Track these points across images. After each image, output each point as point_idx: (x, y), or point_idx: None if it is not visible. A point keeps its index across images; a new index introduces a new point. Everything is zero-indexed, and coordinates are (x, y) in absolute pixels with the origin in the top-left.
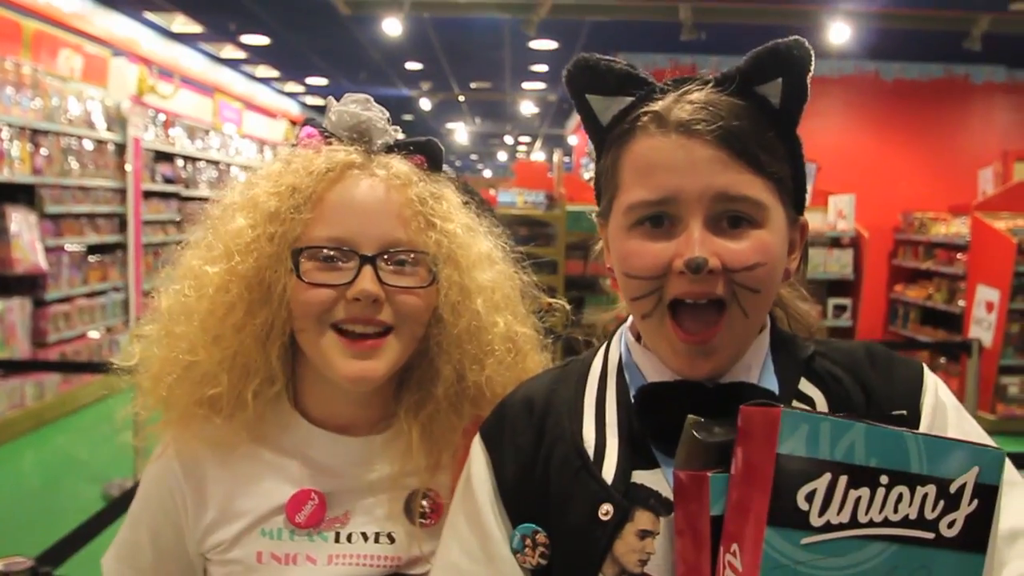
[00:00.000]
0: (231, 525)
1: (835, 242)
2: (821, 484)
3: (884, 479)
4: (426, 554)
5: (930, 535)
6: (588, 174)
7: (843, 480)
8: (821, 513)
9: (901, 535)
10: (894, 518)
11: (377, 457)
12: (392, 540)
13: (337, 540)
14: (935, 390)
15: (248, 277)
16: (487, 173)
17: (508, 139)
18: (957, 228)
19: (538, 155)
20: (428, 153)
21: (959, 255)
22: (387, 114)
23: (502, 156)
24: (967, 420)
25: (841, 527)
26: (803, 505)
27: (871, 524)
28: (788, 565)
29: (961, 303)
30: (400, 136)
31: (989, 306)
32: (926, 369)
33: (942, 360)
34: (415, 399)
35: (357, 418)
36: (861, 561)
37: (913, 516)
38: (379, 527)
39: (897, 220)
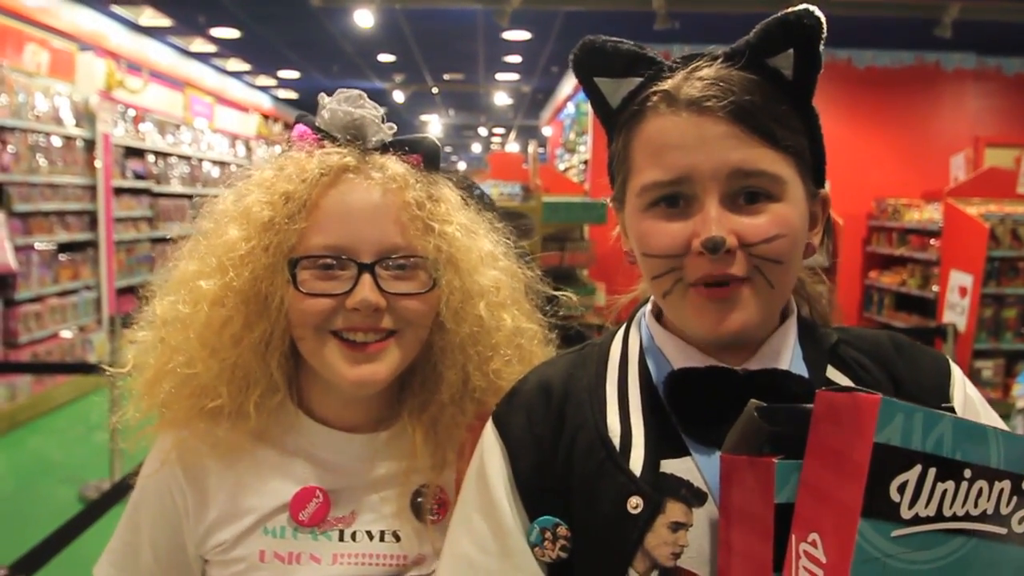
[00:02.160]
0: (234, 524)
1: None
2: (912, 476)
3: (968, 473)
4: (432, 553)
5: (1003, 530)
6: (564, 165)
7: (932, 472)
8: (911, 506)
9: (979, 529)
10: (974, 512)
11: (382, 454)
12: (398, 539)
13: (342, 539)
14: (963, 384)
15: (244, 290)
16: (462, 165)
17: (482, 131)
18: (930, 214)
19: (512, 146)
20: (424, 152)
21: (932, 241)
22: (380, 110)
23: (476, 148)
24: (992, 414)
25: (928, 520)
26: (895, 497)
27: (954, 518)
28: (879, 558)
29: (935, 288)
30: (394, 132)
31: (962, 291)
32: (951, 361)
33: None
34: (418, 402)
35: (361, 418)
36: (945, 555)
37: (991, 511)
38: (385, 525)
39: (870, 207)
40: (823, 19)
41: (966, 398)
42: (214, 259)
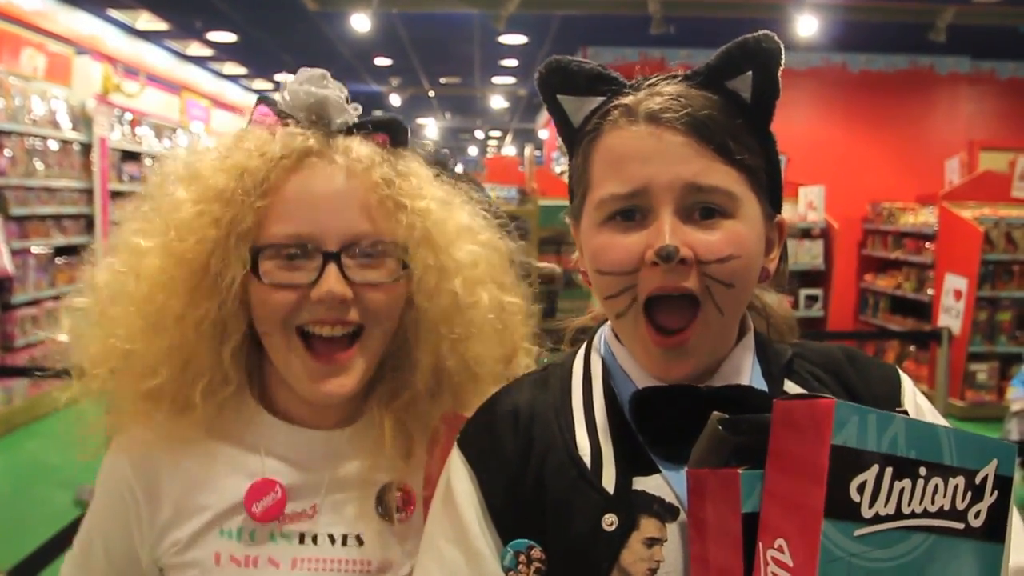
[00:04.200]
0: (188, 523)
1: (805, 233)
2: (870, 476)
3: (923, 471)
4: (399, 557)
5: (960, 525)
6: (560, 168)
7: (889, 472)
8: (871, 505)
9: (937, 526)
10: (932, 509)
11: (345, 450)
12: (361, 542)
13: (302, 541)
14: (913, 394)
15: (189, 260)
16: (458, 168)
17: (479, 134)
18: (925, 217)
19: (509, 149)
20: (390, 130)
21: (927, 244)
22: (345, 91)
23: (473, 151)
24: (941, 421)
25: (888, 518)
26: (855, 497)
27: (913, 515)
28: (843, 558)
29: (930, 292)
30: (359, 113)
31: (957, 294)
32: (902, 373)
33: (912, 348)
34: (388, 388)
35: (324, 413)
36: (906, 552)
37: (947, 507)
38: (347, 528)
39: (866, 210)
40: (781, 44)
41: (917, 408)
42: (158, 219)
